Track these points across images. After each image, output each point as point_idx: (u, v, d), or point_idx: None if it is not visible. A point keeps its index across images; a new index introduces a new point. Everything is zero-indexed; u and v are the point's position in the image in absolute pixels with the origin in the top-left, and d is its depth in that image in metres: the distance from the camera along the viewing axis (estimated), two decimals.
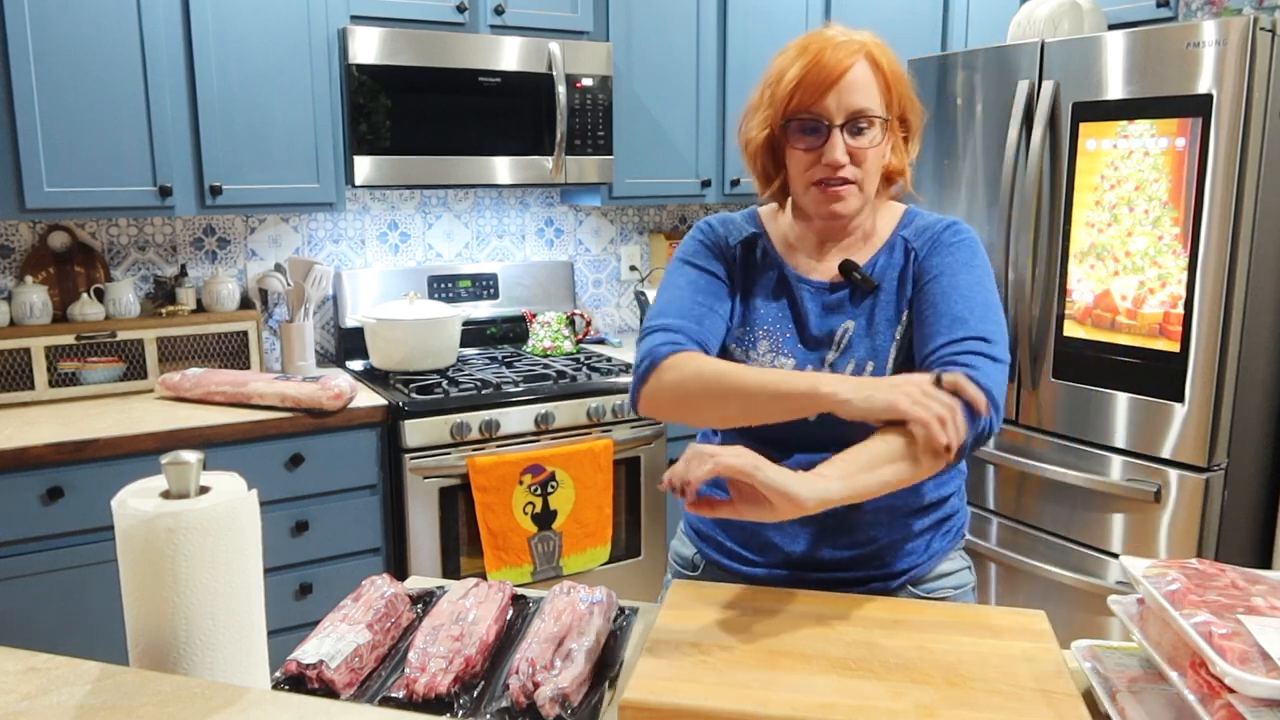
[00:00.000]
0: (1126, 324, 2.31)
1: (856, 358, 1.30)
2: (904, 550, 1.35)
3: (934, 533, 1.37)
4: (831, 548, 1.33)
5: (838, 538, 1.33)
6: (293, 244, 3.01)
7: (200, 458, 0.89)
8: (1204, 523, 2.24)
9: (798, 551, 1.34)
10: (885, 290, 1.33)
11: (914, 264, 1.33)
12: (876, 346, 1.30)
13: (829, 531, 1.32)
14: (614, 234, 3.54)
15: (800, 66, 1.26)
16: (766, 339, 1.35)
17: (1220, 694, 0.86)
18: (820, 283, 1.35)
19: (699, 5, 3.13)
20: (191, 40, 2.46)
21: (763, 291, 1.38)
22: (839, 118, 1.25)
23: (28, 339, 2.50)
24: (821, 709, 0.96)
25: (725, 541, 1.40)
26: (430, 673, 1.05)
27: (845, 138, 1.26)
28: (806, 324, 1.34)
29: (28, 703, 0.77)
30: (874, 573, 1.34)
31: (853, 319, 1.33)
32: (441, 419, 2.57)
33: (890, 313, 1.32)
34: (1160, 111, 2.19)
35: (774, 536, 1.34)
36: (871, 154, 1.28)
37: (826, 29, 1.30)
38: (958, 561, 1.41)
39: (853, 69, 1.25)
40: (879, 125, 1.27)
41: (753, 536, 1.36)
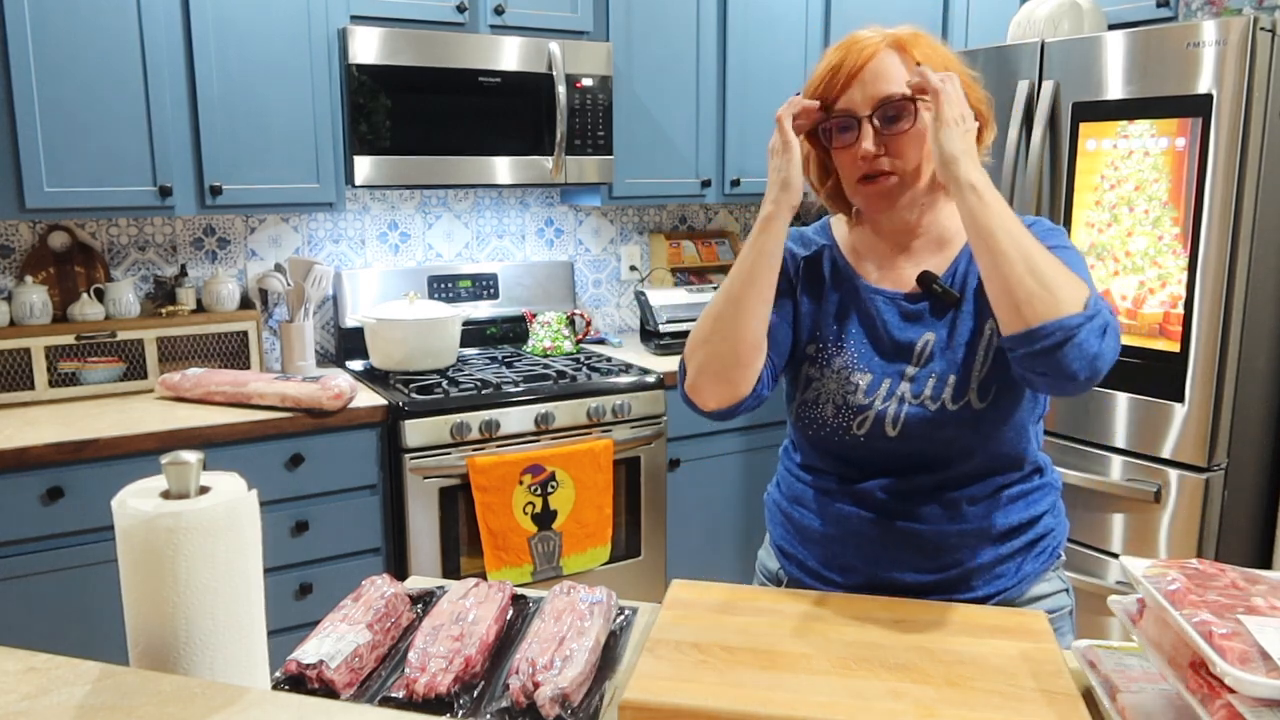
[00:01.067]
0: (1126, 324, 2.31)
1: (937, 371, 1.25)
2: (992, 574, 1.29)
3: (1025, 555, 1.31)
4: (915, 571, 1.28)
5: (921, 560, 1.28)
6: (293, 244, 3.01)
7: (200, 458, 0.89)
8: (1204, 523, 2.24)
9: (880, 574, 1.29)
10: (966, 300, 1.27)
11: None
12: (957, 359, 1.25)
13: (913, 553, 1.28)
14: (614, 234, 3.54)
15: (824, 67, 1.26)
16: (841, 355, 1.30)
17: (1220, 694, 0.86)
18: (896, 293, 1.31)
19: (699, 5, 3.13)
20: (191, 40, 2.46)
21: (835, 305, 1.34)
22: (865, 108, 1.23)
23: (28, 339, 2.50)
24: (821, 709, 0.96)
25: (808, 560, 1.36)
26: (430, 673, 1.05)
27: (876, 127, 1.23)
28: (883, 336, 1.29)
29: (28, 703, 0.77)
30: (959, 596, 1.28)
31: (933, 331, 1.27)
32: (441, 419, 2.57)
33: (971, 323, 1.26)
34: (1160, 111, 2.19)
35: (855, 559, 1.30)
36: (908, 140, 1.23)
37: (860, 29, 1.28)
38: (1054, 583, 1.35)
39: (875, 59, 1.23)
40: (915, 110, 1.22)
41: (836, 557, 1.32)
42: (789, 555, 1.39)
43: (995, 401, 1.23)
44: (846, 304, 1.33)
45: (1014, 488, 1.30)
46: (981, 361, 1.24)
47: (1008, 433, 1.26)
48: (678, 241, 3.58)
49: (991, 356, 1.24)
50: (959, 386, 1.23)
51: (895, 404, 1.25)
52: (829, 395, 1.30)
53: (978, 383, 1.23)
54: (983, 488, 1.28)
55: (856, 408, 1.27)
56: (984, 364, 1.24)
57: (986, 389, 1.23)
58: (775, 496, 1.45)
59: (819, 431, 1.31)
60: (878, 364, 1.28)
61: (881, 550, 1.28)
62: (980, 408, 1.23)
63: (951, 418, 1.23)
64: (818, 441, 1.32)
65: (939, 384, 1.24)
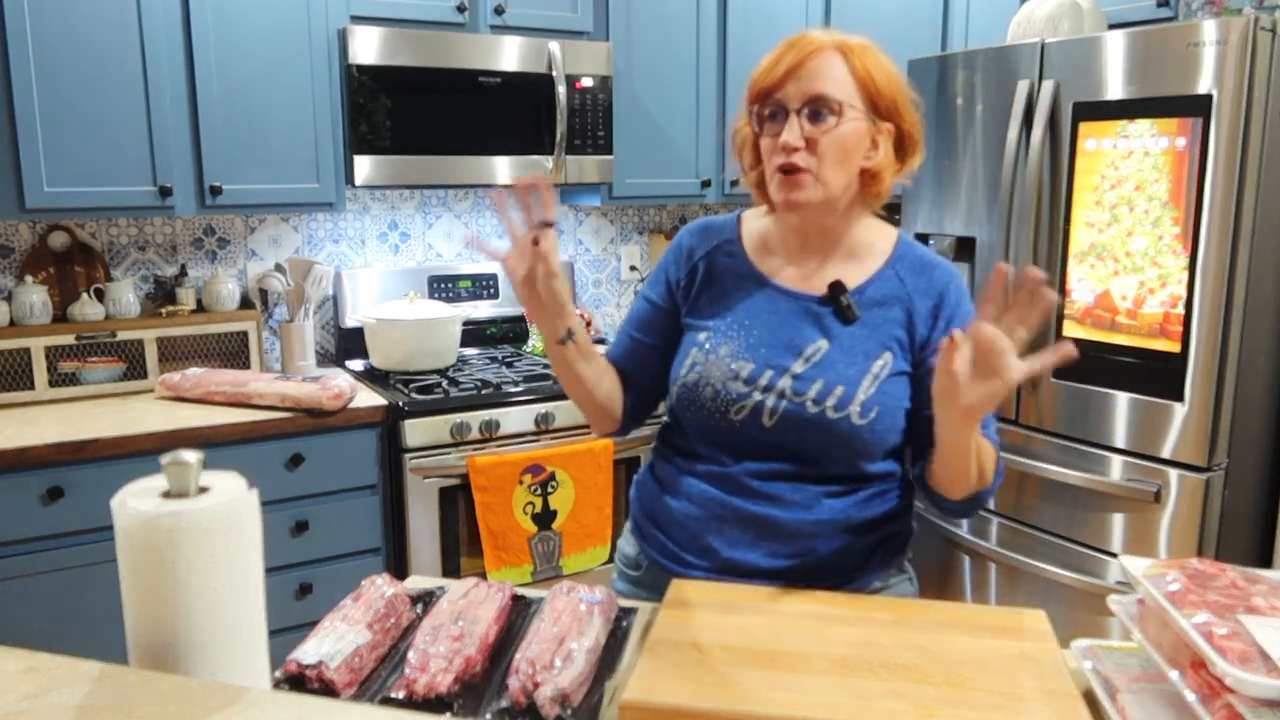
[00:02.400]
0: (1126, 324, 2.31)
1: (826, 379, 1.29)
2: (843, 564, 1.34)
3: (876, 549, 1.37)
4: (770, 555, 1.33)
5: (777, 546, 1.32)
6: (293, 244, 3.01)
7: (200, 458, 0.89)
8: (1204, 523, 2.24)
9: (735, 557, 1.34)
10: (868, 322, 1.33)
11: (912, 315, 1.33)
12: (850, 375, 1.30)
13: (770, 539, 1.32)
14: (614, 234, 3.54)
15: (769, 57, 1.30)
16: (728, 342, 1.35)
17: (1220, 694, 0.86)
18: (801, 293, 1.35)
19: (699, 5, 3.13)
20: (191, 40, 2.46)
21: (731, 297, 1.38)
22: (796, 102, 1.26)
23: (28, 339, 2.50)
24: (821, 709, 0.96)
25: (668, 543, 1.40)
26: (430, 673, 1.05)
27: (803, 123, 1.26)
28: (776, 330, 1.34)
29: (28, 703, 0.77)
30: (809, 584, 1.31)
31: (828, 339, 1.32)
32: (441, 419, 2.57)
33: (871, 345, 1.31)
34: (1160, 111, 2.19)
35: (714, 541, 1.35)
36: (829, 142, 1.26)
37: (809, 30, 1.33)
38: (895, 577, 1.41)
39: (816, 57, 1.27)
40: (844, 116, 1.26)
41: (694, 539, 1.37)
42: (648, 538, 1.43)
43: (874, 424, 1.29)
44: (742, 296, 1.37)
45: (875, 486, 1.36)
46: (869, 385, 1.29)
47: (875, 449, 1.32)
48: None
49: (879, 384, 1.30)
50: (843, 399, 1.28)
51: (775, 397, 1.30)
52: (709, 379, 1.33)
53: (861, 402, 1.29)
54: (844, 486, 1.34)
55: (736, 394, 1.31)
56: (870, 388, 1.29)
57: (869, 409, 1.29)
58: (644, 478, 1.49)
59: (697, 414, 1.35)
60: (763, 355, 1.32)
61: (739, 534, 1.33)
62: (859, 424, 1.29)
63: (829, 424, 1.28)
64: (694, 423, 1.36)
65: (824, 390, 1.29)
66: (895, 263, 1.36)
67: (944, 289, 1.34)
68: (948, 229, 2.71)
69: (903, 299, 1.34)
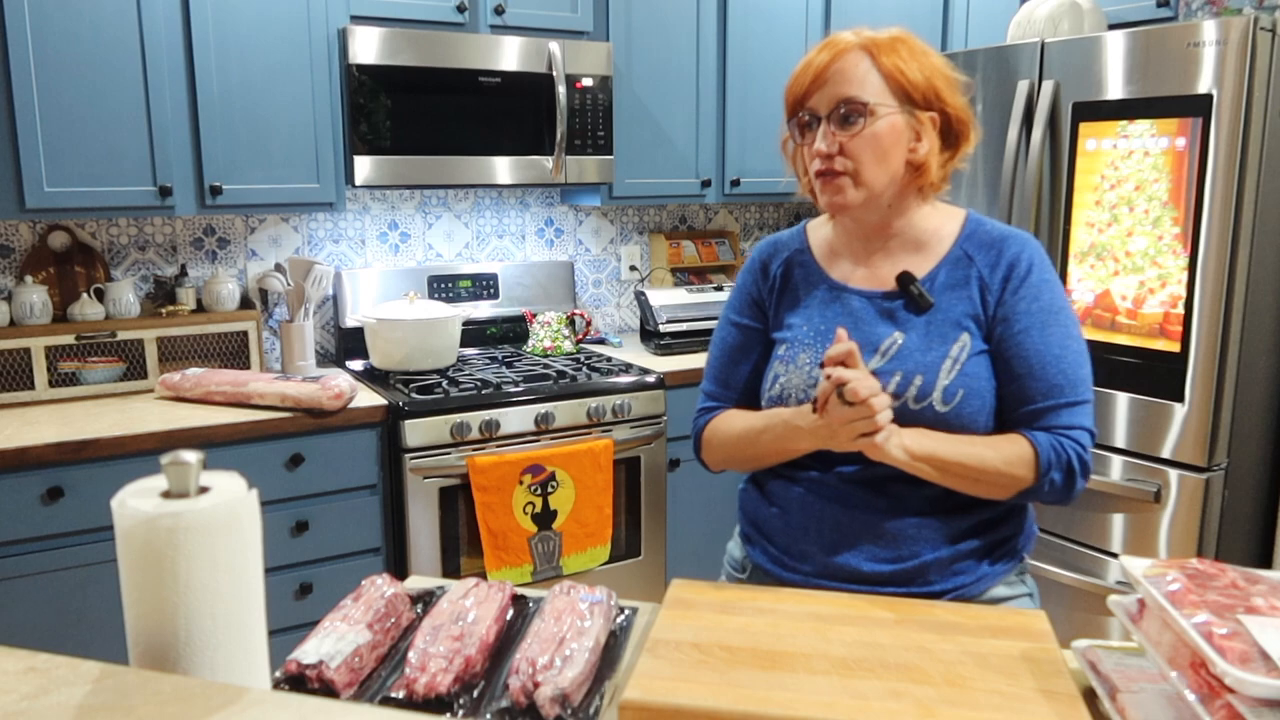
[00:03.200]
0: (1126, 324, 2.31)
1: (904, 370, 1.28)
2: (950, 569, 1.31)
3: (985, 555, 1.33)
4: (872, 560, 1.30)
5: (878, 550, 1.30)
6: (293, 244, 3.01)
7: (200, 458, 0.89)
8: (1204, 523, 2.24)
9: (838, 561, 1.32)
10: (942, 307, 1.31)
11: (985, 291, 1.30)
12: (928, 362, 1.28)
13: (871, 542, 1.30)
14: (614, 234, 3.54)
15: (801, 64, 1.30)
16: (805, 351, 1.34)
17: (1220, 694, 0.86)
18: (872, 291, 1.35)
19: (699, 5, 3.13)
20: (191, 40, 2.46)
21: (808, 305, 1.39)
22: (825, 108, 1.27)
23: (28, 339, 2.50)
24: (821, 709, 0.96)
25: (770, 547, 1.40)
26: (430, 673, 1.05)
27: (833, 128, 1.27)
28: (854, 332, 1.31)
29: (28, 703, 0.77)
30: (915, 589, 1.30)
31: (903, 331, 1.31)
32: (441, 419, 2.57)
33: (947, 329, 1.30)
34: (1160, 111, 2.19)
35: (812, 546, 1.33)
36: (861, 143, 1.26)
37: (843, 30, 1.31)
38: (1017, 587, 1.36)
39: (840, 61, 1.26)
40: (875, 116, 1.26)
41: (796, 543, 1.35)
42: (754, 542, 1.43)
43: (959, 408, 1.27)
44: (817, 302, 1.38)
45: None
46: (949, 370, 1.28)
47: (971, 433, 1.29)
48: (678, 241, 3.58)
49: (960, 366, 1.28)
50: (924, 388, 1.27)
51: None
52: (792, 389, 1.33)
53: (942, 388, 1.27)
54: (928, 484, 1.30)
55: None
56: (951, 372, 1.28)
57: (951, 395, 1.27)
58: (746, 487, 1.49)
59: None
60: None
61: (840, 538, 1.32)
62: (943, 411, 1.27)
63: (913, 416, 1.27)
64: None
65: (903, 382, 1.28)
66: (963, 243, 1.34)
67: (1015, 259, 1.31)
68: None
69: (975, 277, 1.31)
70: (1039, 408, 1.27)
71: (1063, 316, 1.30)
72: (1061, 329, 1.29)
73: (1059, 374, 1.27)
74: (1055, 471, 1.26)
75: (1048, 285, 1.30)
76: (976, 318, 1.30)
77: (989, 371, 1.29)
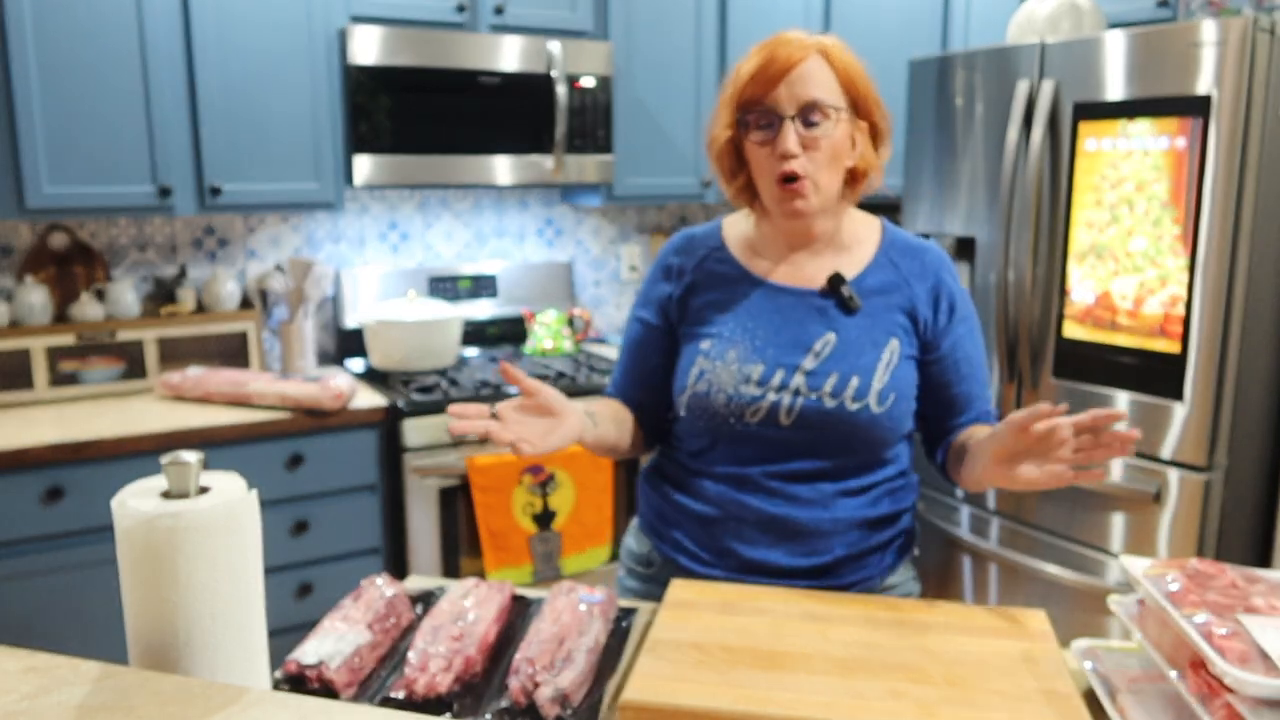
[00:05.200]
0: (1126, 324, 2.31)
1: (840, 371, 1.31)
2: (860, 564, 1.36)
3: (888, 547, 1.39)
4: (789, 555, 1.34)
5: (796, 546, 1.34)
6: (293, 244, 3.01)
7: (200, 458, 0.89)
8: (1204, 523, 2.24)
9: (755, 558, 1.35)
10: (870, 311, 1.34)
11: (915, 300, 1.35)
12: (864, 364, 1.31)
13: (789, 538, 1.33)
14: (614, 234, 3.54)
15: (754, 62, 1.29)
16: (734, 348, 1.35)
17: (1220, 694, 0.86)
18: (801, 289, 1.36)
19: (699, 5, 3.13)
20: (191, 40, 2.46)
21: (729, 302, 1.39)
22: (790, 109, 1.27)
23: (28, 339, 2.50)
24: (821, 709, 0.96)
25: (684, 540, 1.40)
26: (430, 673, 1.05)
27: (798, 128, 1.26)
28: (782, 329, 1.34)
29: (28, 703, 0.77)
30: (828, 581, 1.34)
31: (834, 331, 1.33)
32: (441, 419, 2.57)
33: (878, 334, 1.33)
34: (1160, 111, 2.19)
35: (733, 543, 1.36)
36: (825, 146, 1.27)
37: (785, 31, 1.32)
38: (905, 574, 1.43)
39: (805, 62, 1.27)
40: (834, 119, 1.27)
41: (712, 541, 1.37)
42: (662, 536, 1.44)
43: (890, 410, 1.31)
44: (740, 299, 1.38)
45: (885, 485, 1.38)
46: (883, 372, 1.31)
47: (893, 436, 1.34)
48: None
49: (892, 370, 1.32)
50: (860, 389, 1.30)
51: (790, 395, 1.31)
52: (720, 386, 1.34)
53: (877, 391, 1.31)
54: (859, 482, 1.35)
55: (750, 398, 1.32)
56: (885, 375, 1.31)
57: (885, 397, 1.31)
58: (650, 476, 1.50)
59: (710, 420, 1.35)
60: (771, 355, 1.33)
61: (759, 535, 1.34)
62: (878, 412, 1.30)
63: (849, 416, 1.30)
64: (708, 429, 1.36)
65: (840, 383, 1.30)
66: (886, 249, 1.38)
67: (938, 271, 1.38)
68: (948, 229, 2.71)
69: (900, 285, 1.36)
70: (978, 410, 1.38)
71: (974, 321, 1.41)
72: (977, 334, 1.41)
73: (983, 373, 1.41)
74: None
75: (963, 295, 1.40)
76: (904, 326, 1.34)
77: (914, 377, 1.35)
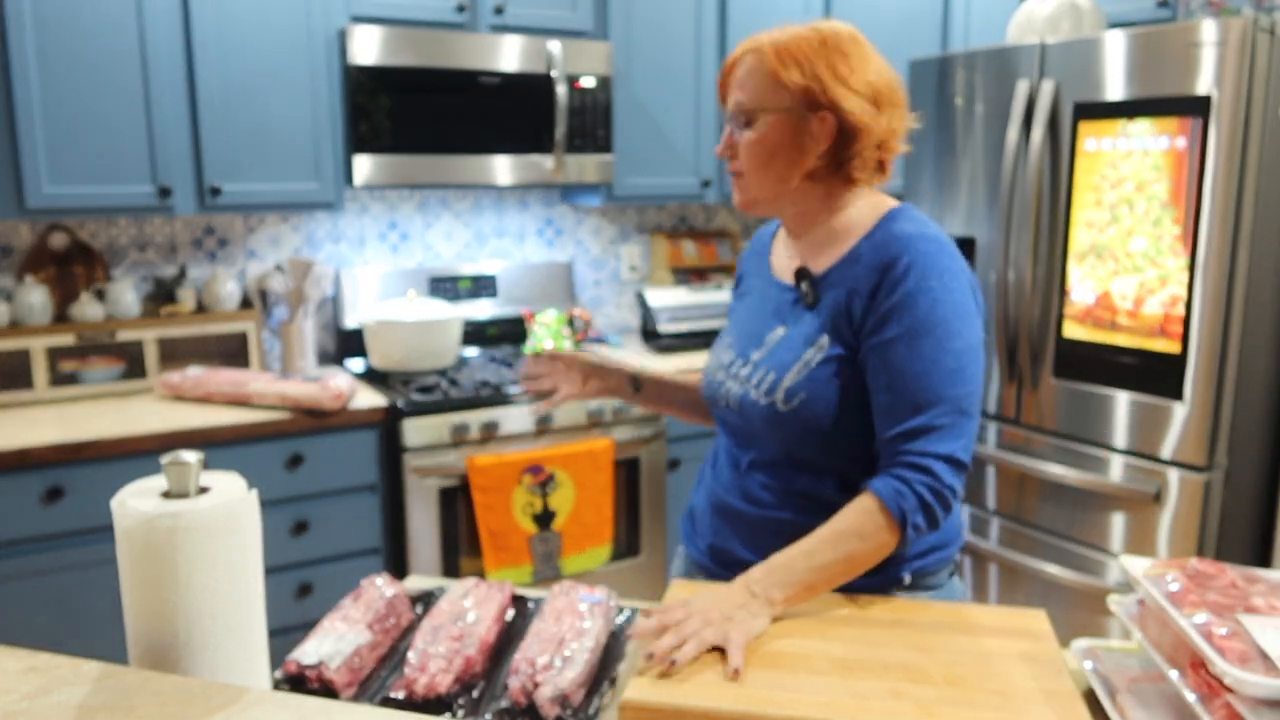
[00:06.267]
0: (1126, 324, 2.31)
1: (768, 366, 1.29)
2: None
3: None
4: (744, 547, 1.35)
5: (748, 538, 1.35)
6: (293, 244, 3.01)
7: (200, 458, 0.89)
8: (1204, 523, 2.24)
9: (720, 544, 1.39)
10: (821, 306, 1.27)
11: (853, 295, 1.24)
12: (784, 360, 1.27)
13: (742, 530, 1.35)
14: (614, 234, 3.54)
15: None
16: (725, 337, 1.43)
17: (1220, 694, 0.86)
18: (782, 283, 1.37)
19: (699, 5, 3.13)
20: (191, 40, 2.46)
21: (748, 294, 1.46)
22: (729, 111, 1.34)
23: (28, 339, 2.50)
24: (821, 709, 0.96)
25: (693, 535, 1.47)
26: (430, 673, 1.05)
27: (735, 129, 1.32)
28: (749, 320, 1.39)
29: (28, 703, 0.77)
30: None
31: (787, 326, 1.31)
32: (441, 419, 2.57)
33: (812, 330, 1.27)
34: (1160, 111, 2.19)
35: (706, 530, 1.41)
36: (745, 148, 1.29)
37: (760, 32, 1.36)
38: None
39: (737, 65, 1.32)
40: (758, 121, 1.28)
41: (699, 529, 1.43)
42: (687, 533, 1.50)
43: (798, 409, 1.24)
44: (753, 292, 1.44)
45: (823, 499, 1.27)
46: (798, 370, 1.26)
47: (810, 439, 1.26)
48: (678, 241, 3.58)
49: (810, 369, 1.25)
50: (772, 385, 1.28)
51: (736, 384, 1.34)
52: (710, 372, 1.41)
53: (785, 388, 1.26)
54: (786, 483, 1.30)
55: (715, 383, 1.39)
56: (799, 373, 1.25)
57: (792, 395, 1.25)
58: None
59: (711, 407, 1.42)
60: (738, 344, 1.38)
61: (722, 523, 1.38)
62: (783, 410, 1.25)
63: (761, 410, 1.29)
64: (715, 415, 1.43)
65: (763, 376, 1.30)
66: (865, 241, 1.27)
67: (891, 263, 1.21)
68: (948, 229, 2.71)
69: (851, 279, 1.24)
70: (893, 434, 1.19)
71: (939, 330, 1.18)
72: (934, 343, 1.17)
73: (919, 392, 1.17)
74: (915, 515, 1.17)
75: (926, 294, 1.18)
76: (838, 321, 1.24)
77: (838, 377, 1.23)
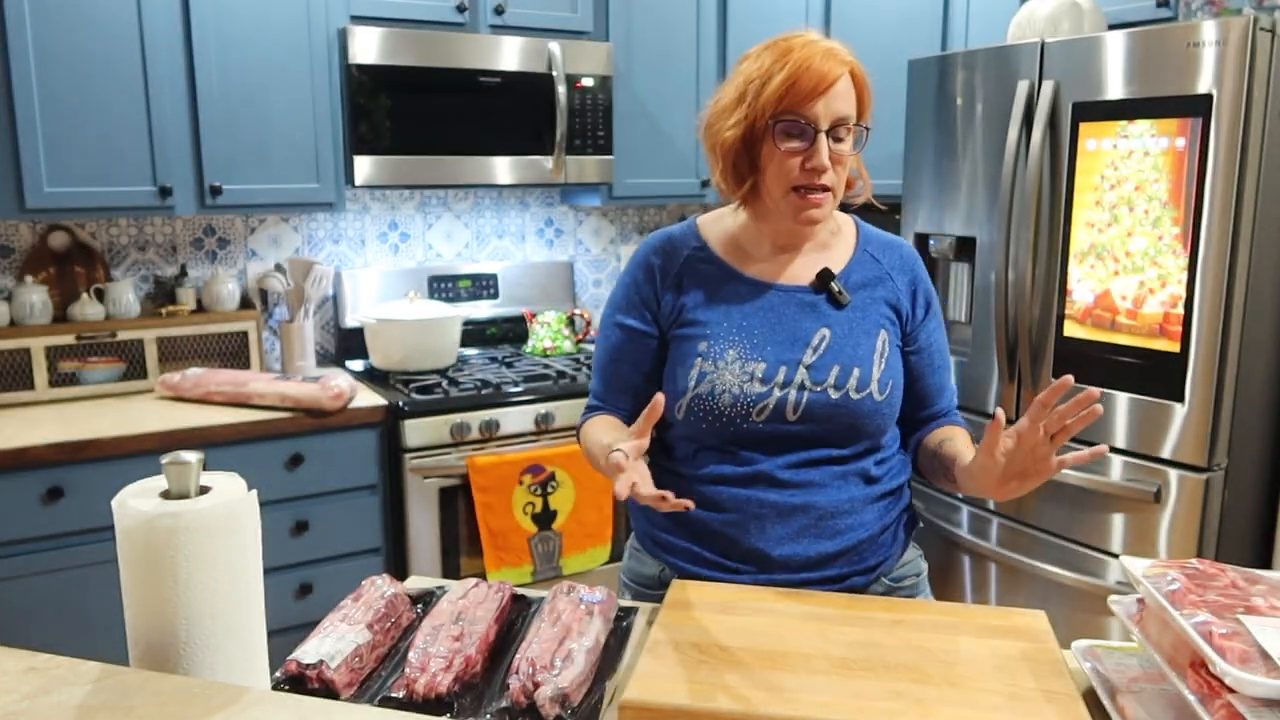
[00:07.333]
0: (1126, 324, 2.31)
1: (841, 363, 1.35)
2: (877, 543, 1.39)
3: (898, 523, 1.43)
4: (815, 542, 1.34)
5: (820, 531, 1.34)
6: (293, 244, 3.01)
7: (200, 458, 0.89)
8: (1204, 523, 2.24)
9: (784, 554, 1.33)
10: (859, 304, 1.39)
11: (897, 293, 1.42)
12: (861, 355, 1.36)
13: (813, 525, 1.34)
14: (614, 234, 3.54)
15: (790, 70, 1.29)
16: (733, 347, 1.35)
17: (1220, 694, 0.86)
18: (790, 286, 1.39)
19: (699, 5, 3.13)
20: (191, 40, 2.46)
21: (721, 302, 1.38)
22: (825, 123, 1.29)
23: (28, 339, 2.50)
24: (821, 709, 0.96)
25: (704, 552, 1.37)
26: (430, 673, 1.05)
27: (829, 143, 1.30)
28: (778, 326, 1.36)
29: (28, 703, 0.77)
30: (853, 567, 1.36)
31: (828, 326, 1.37)
32: (441, 419, 2.57)
33: (869, 325, 1.39)
34: (1160, 111, 2.19)
35: (758, 543, 1.34)
36: (848, 160, 1.34)
37: (804, 34, 1.34)
38: (914, 551, 1.47)
39: (842, 79, 1.31)
40: (854, 135, 1.33)
41: (734, 545, 1.35)
42: (673, 551, 1.41)
43: (890, 397, 1.38)
44: (730, 298, 1.39)
45: (886, 463, 1.42)
46: (879, 362, 1.37)
47: (892, 420, 1.41)
48: None
49: (886, 360, 1.38)
50: (863, 379, 1.35)
51: (795, 390, 1.33)
52: (724, 386, 1.34)
53: (878, 380, 1.36)
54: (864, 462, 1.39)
55: (756, 395, 1.33)
56: (880, 364, 1.37)
57: (885, 385, 1.37)
58: None
59: (715, 423, 1.34)
60: (771, 352, 1.35)
61: (783, 529, 1.34)
62: (879, 400, 1.36)
63: (855, 405, 1.34)
64: (713, 432, 1.35)
65: (843, 374, 1.34)
66: (864, 245, 1.44)
67: (914, 266, 1.46)
68: (948, 229, 2.71)
69: (883, 279, 1.42)
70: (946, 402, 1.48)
71: (940, 314, 1.49)
72: (944, 338, 1.49)
73: (950, 364, 1.50)
74: None
75: (934, 289, 1.48)
76: (890, 318, 1.41)
77: (903, 363, 1.42)
